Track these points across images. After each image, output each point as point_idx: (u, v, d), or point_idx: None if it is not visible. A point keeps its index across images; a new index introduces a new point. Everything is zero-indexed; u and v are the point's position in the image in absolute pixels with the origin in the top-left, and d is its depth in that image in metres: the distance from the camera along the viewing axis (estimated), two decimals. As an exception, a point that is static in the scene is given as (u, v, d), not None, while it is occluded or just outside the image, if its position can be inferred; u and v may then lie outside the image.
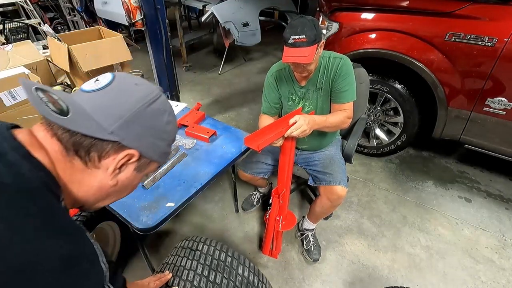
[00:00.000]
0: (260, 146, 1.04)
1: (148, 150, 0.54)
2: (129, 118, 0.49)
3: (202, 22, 4.14)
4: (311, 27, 1.12)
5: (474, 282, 1.52)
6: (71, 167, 0.49)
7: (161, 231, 1.79)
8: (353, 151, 1.51)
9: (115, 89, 0.51)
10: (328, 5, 2.13)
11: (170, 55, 2.42)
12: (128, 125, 0.49)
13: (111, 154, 0.50)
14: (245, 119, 2.93)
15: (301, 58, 1.13)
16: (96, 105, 0.48)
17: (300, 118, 1.13)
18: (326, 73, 1.31)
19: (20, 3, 4.21)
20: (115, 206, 1.09)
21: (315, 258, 1.60)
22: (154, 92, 0.54)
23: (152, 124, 0.53)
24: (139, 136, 0.51)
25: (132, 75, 0.56)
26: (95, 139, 0.48)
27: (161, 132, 0.55)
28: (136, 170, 0.55)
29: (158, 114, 0.54)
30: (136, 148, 0.51)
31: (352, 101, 1.33)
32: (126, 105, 0.50)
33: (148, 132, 0.53)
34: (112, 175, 0.51)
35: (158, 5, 2.16)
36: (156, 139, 0.55)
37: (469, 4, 1.60)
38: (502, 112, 1.64)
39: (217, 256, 0.97)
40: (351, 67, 1.31)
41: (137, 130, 0.51)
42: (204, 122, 1.62)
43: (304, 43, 1.12)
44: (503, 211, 1.91)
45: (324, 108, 1.39)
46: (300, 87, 1.38)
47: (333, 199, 1.38)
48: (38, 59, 1.72)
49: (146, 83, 0.55)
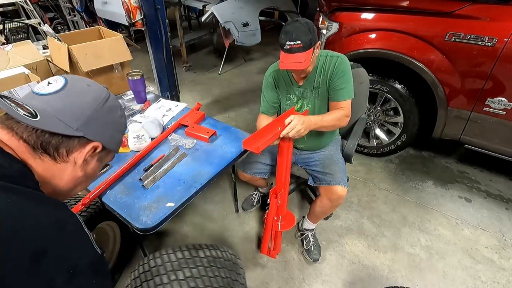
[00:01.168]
0: (260, 149, 1.04)
1: (108, 142, 0.62)
2: (90, 116, 0.57)
3: (202, 22, 4.14)
4: (306, 31, 1.12)
5: (474, 282, 1.52)
6: (41, 163, 0.54)
7: (161, 231, 1.79)
8: (353, 151, 1.51)
9: (70, 91, 0.57)
10: (328, 5, 2.13)
11: (170, 55, 2.42)
12: (90, 121, 0.57)
13: (78, 148, 0.57)
14: (245, 119, 2.93)
15: (298, 65, 1.15)
16: (57, 106, 0.54)
17: (294, 118, 1.13)
18: (323, 72, 1.32)
19: (20, 3, 4.21)
20: (115, 206, 1.09)
21: (315, 258, 1.60)
22: (104, 91, 0.62)
23: (109, 119, 0.62)
24: (100, 130, 0.60)
25: (81, 77, 0.63)
26: (63, 136, 0.54)
27: (117, 125, 0.65)
28: (99, 161, 0.64)
29: (113, 110, 0.63)
30: (99, 140, 0.60)
31: (349, 99, 1.32)
32: (85, 105, 0.57)
33: (107, 126, 0.62)
34: (81, 166, 0.59)
35: (158, 5, 2.16)
36: (114, 131, 0.64)
37: (469, 4, 1.60)
38: (502, 112, 1.64)
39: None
40: (348, 66, 1.31)
41: (98, 125, 0.59)
42: (204, 122, 1.62)
43: (300, 48, 1.12)
44: (503, 211, 1.91)
45: (321, 106, 1.39)
46: (298, 87, 1.39)
47: (334, 199, 1.38)
48: (38, 59, 1.72)
49: (96, 83, 0.62)
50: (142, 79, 1.70)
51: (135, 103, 1.77)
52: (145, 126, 1.40)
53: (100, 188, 1.12)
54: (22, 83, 1.33)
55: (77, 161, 0.58)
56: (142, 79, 1.70)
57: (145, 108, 1.70)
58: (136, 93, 1.75)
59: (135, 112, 1.66)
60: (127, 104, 1.71)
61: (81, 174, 0.60)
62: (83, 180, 0.63)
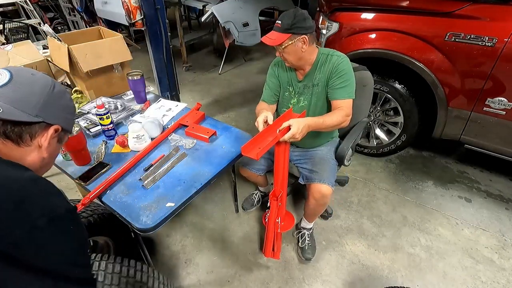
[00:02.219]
0: (259, 155, 1.04)
1: (65, 123, 0.70)
2: (45, 102, 0.63)
3: (202, 22, 4.14)
4: (291, 17, 1.19)
5: (474, 282, 1.52)
6: (4, 148, 0.60)
7: (161, 231, 1.79)
8: (345, 153, 1.46)
9: (19, 82, 0.61)
10: (328, 5, 2.13)
11: (170, 55, 2.42)
12: (46, 107, 0.63)
13: (40, 133, 0.64)
14: (245, 119, 2.93)
15: (268, 40, 1.24)
16: (13, 97, 0.59)
17: (293, 125, 1.12)
18: (322, 70, 1.33)
19: (20, 3, 4.21)
20: (115, 206, 1.09)
21: (307, 257, 1.60)
22: (49, 78, 0.68)
23: (62, 102, 0.69)
24: (56, 114, 0.66)
25: (21, 67, 0.68)
26: (25, 123, 0.60)
27: (69, 108, 0.72)
28: (59, 142, 0.71)
29: (62, 94, 0.69)
30: (57, 123, 0.66)
31: (349, 99, 1.32)
32: (38, 92, 0.63)
33: (61, 109, 0.69)
34: (46, 148, 0.65)
35: (158, 5, 2.16)
36: (67, 113, 0.71)
37: (469, 4, 1.60)
38: (502, 112, 1.64)
39: None
40: (350, 67, 1.31)
41: (54, 109, 0.66)
42: (204, 122, 1.62)
43: (277, 28, 1.23)
44: (503, 211, 1.91)
45: (318, 105, 1.40)
46: (298, 81, 1.41)
47: (317, 197, 1.38)
48: (38, 59, 1.72)
49: (38, 72, 0.67)
50: (142, 79, 1.70)
51: (135, 103, 1.77)
52: (145, 126, 1.40)
53: (100, 188, 1.12)
54: (22, 83, 1.33)
55: (42, 144, 0.64)
56: (142, 79, 1.70)
57: (145, 108, 1.70)
58: (136, 93, 1.74)
59: (135, 112, 1.66)
60: (127, 104, 1.70)
61: (47, 155, 0.66)
62: (49, 161, 0.70)
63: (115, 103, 1.62)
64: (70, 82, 1.87)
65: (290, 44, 1.23)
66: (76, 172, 1.24)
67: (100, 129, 1.45)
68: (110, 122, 1.40)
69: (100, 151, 1.34)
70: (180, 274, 1.56)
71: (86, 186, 1.17)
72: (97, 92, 1.75)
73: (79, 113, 1.61)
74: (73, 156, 1.27)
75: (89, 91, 1.73)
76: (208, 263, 1.62)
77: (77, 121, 1.52)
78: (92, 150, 1.35)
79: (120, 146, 1.37)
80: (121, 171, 1.21)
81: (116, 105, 1.62)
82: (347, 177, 2.11)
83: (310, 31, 1.24)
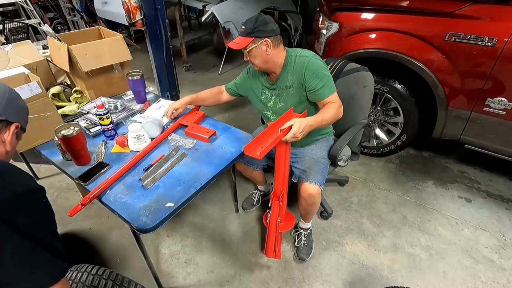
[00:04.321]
0: (261, 155, 1.04)
1: (22, 121, 0.83)
2: (6, 102, 0.76)
3: (202, 22, 4.14)
4: (253, 21, 1.24)
5: (474, 282, 1.52)
6: None
7: (161, 231, 1.79)
8: (338, 153, 1.45)
9: None
10: (328, 5, 2.13)
11: (170, 55, 2.42)
12: (7, 106, 0.76)
13: (3, 130, 0.76)
14: (245, 119, 2.93)
15: (233, 44, 1.28)
16: None
17: (295, 124, 1.12)
18: (292, 72, 1.33)
19: (20, 3, 4.21)
20: (115, 206, 1.09)
21: (301, 258, 1.60)
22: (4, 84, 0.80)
23: (19, 104, 0.83)
24: (16, 113, 0.80)
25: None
26: None
27: (25, 108, 0.86)
28: (18, 138, 0.83)
29: (18, 97, 0.83)
30: (17, 121, 0.79)
31: (334, 93, 1.31)
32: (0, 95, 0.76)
33: (19, 109, 0.83)
34: (10, 142, 0.77)
35: (158, 5, 2.16)
36: (24, 113, 0.85)
37: (469, 4, 1.60)
38: (502, 112, 1.64)
39: None
40: (320, 63, 1.29)
41: (13, 109, 0.79)
42: (204, 122, 1.62)
43: (241, 33, 1.28)
44: (503, 211, 1.91)
45: (295, 105, 1.38)
46: (270, 84, 1.43)
47: (306, 196, 1.37)
48: (38, 59, 1.72)
49: None
50: (142, 79, 1.70)
51: (135, 103, 1.77)
52: (145, 126, 1.40)
53: (100, 188, 1.12)
54: (22, 83, 1.32)
55: (6, 139, 0.76)
56: (142, 79, 1.70)
57: (145, 108, 1.70)
58: (136, 93, 1.75)
59: (135, 112, 1.66)
60: (127, 104, 1.70)
61: (10, 148, 0.77)
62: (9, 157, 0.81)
63: (115, 103, 1.62)
64: (70, 82, 1.87)
65: (254, 47, 1.26)
66: (76, 172, 1.24)
67: (100, 129, 1.45)
68: (110, 122, 1.40)
69: (100, 151, 1.35)
70: (180, 274, 1.57)
71: (86, 186, 1.17)
72: (97, 92, 1.75)
73: (79, 113, 1.61)
74: (73, 156, 1.26)
75: (89, 91, 1.73)
76: (208, 263, 1.62)
77: (77, 121, 1.52)
78: (92, 150, 1.35)
79: (120, 146, 1.37)
80: (121, 171, 1.21)
81: (116, 105, 1.62)
82: (347, 177, 2.11)
83: (272, 34, 1.26)
